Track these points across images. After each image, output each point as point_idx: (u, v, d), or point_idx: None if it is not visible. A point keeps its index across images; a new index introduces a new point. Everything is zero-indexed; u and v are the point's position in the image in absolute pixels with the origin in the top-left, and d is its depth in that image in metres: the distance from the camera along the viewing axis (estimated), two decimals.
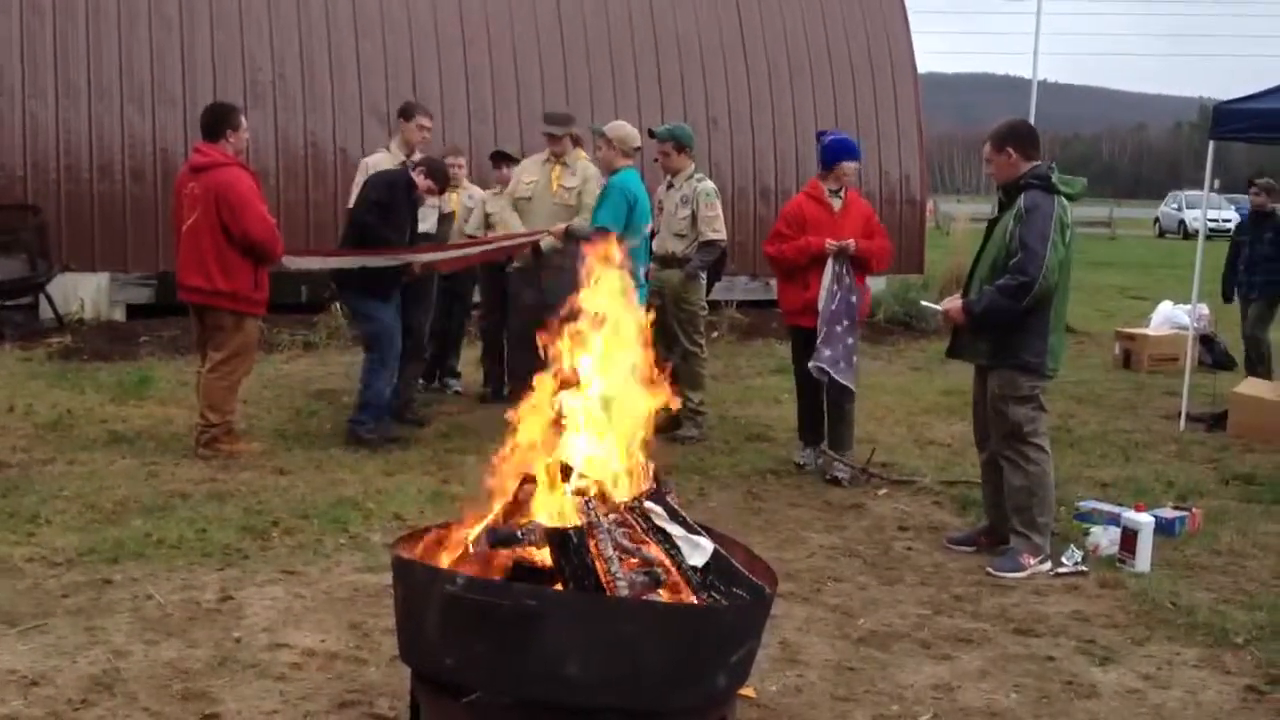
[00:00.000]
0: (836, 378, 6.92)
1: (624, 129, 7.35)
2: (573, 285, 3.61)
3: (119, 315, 12.13)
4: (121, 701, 3.80)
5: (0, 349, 10.46)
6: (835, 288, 6.93)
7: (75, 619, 4.45)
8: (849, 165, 7.10)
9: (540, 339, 3.61)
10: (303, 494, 6.26)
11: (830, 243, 6.91)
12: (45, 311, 11.55)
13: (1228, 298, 10.79)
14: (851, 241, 6.93)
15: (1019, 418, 5.47)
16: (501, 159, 9.20)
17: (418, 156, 7.84)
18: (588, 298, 3.56)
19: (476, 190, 9.40)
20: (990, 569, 5.44)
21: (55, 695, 3.82)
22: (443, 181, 7.64)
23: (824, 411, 7.27)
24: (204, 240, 6.77)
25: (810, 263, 6.97)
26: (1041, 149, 5.62)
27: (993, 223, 5.68)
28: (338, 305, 11.19)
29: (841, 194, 7.10)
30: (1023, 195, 5.40)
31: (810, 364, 6.94)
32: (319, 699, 3.88)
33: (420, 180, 7.43)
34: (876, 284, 14.67)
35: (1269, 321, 10.46)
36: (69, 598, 4.67)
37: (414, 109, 8.18)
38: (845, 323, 6.92)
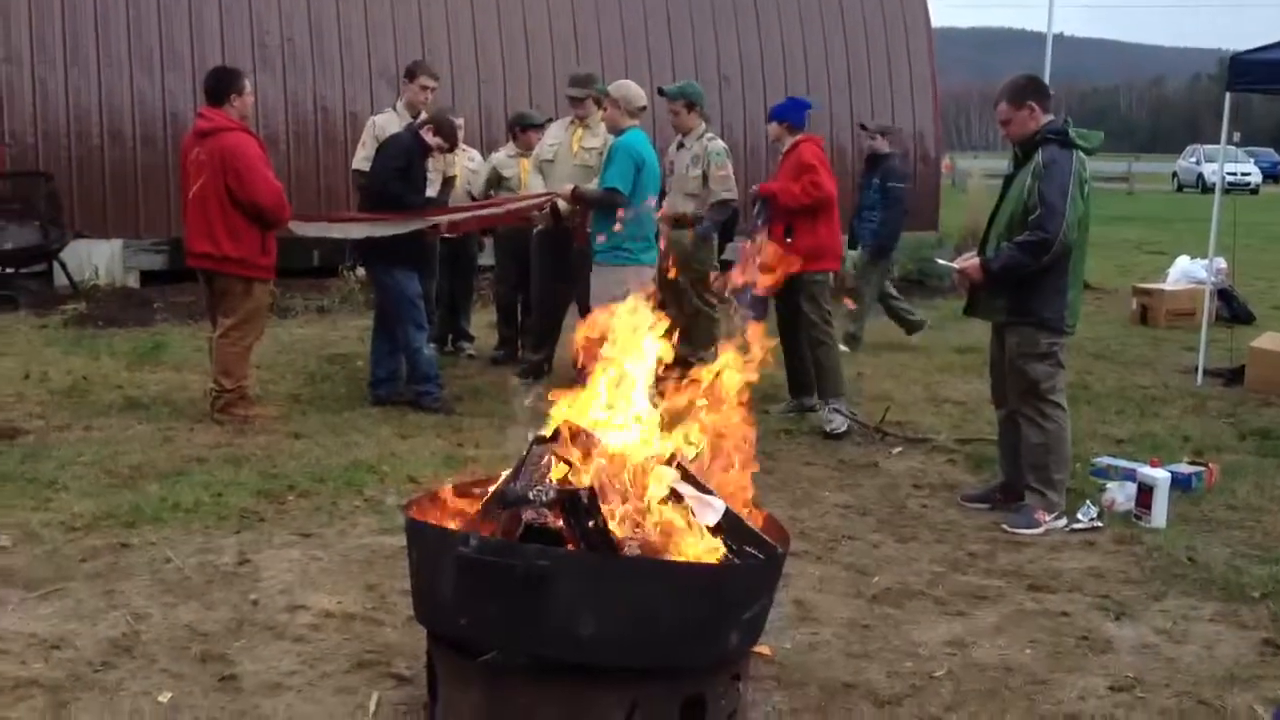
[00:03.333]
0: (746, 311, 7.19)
1: (628, 88, 7.29)
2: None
3: (133, 281, 12.15)
4: (141, 664, 3.83)
5: (15, 316, 10.51)
6: (750, 229, 7.53)
7: (94, 583, 4.49)
8: (767, 126, 7.74)
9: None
10: (318, 457, 6.28)
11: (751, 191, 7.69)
12: (59, 279, 11.58)
13: (850, 244, 10.02)
14: (752, 188, 7.62)
15: (1038, 375, 5.44)
16: (529, 127, 8.97)
17: (423, 116, 7.78)
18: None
19: (476, 153, 9.35)
20: (1005, 526, 5.43)
21: (76, 658, 3.86)
22: (452, 138, 7.56)
23: (796, 366, 7.51)
24: (210, 206, 6.74)
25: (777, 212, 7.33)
26: (1057, 104, 5.56)
27: (1009, 179, 5.62)
28: (351, 273, 11.21)
29: (782, 146, 7.50)
30: (1040, 150, 5.33)
31: None
32: (336, 660, 3.91)
33: (429, 138, 7.37)
34: None
35: (873, 274, 9.93)
36: (88, 562, 4.71)
37: (419, 69, 8.11)
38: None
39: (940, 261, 7.42)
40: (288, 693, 3.68)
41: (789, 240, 7.14)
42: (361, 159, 8.03)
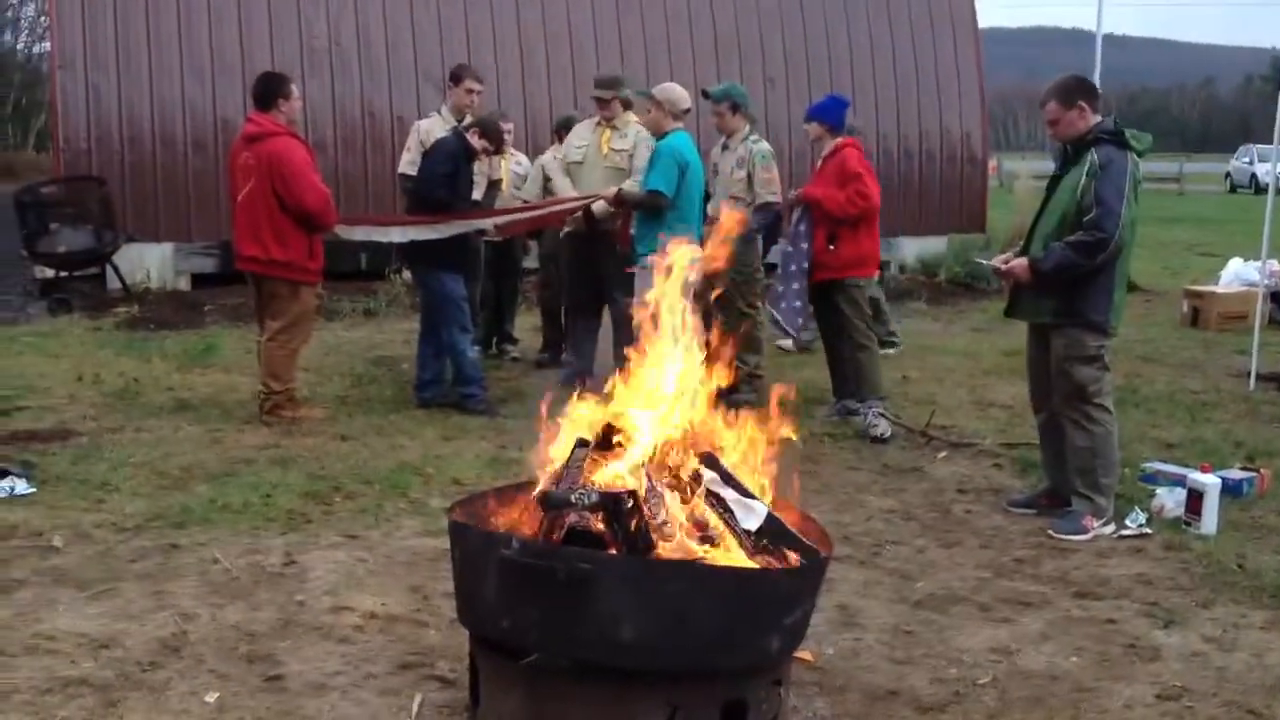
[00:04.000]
0: (775, 314, 7.37)
1: (673, 91, 7.30)
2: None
3: (184, 285, 12.30)
4: (189, 663, 3.89)
5: (69, 319, 10.68)
6: (790, 235, 7.42)
7: (144, 583, 4.55)
8: (805, 126, 7.64)
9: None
10: (364, 459, 6.34)
11: (789, 194, 7.56)
12: (112, 282, 11.75)
13: None
14: (793, 192, 7.49)
15: (1084, 378, 5.38)
16: (569, 125, 9.01)
17: (469, 119, 7.83)
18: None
19: (524, 157, 9.38)
20: (1052, 531, 5.38)
21: (125, 657, 3.91)
22: (498, 140, 7.59)
23: (837, 369, 7.58)
24: (258, 210, 6.83)
25: (819, 218, 7.32)
26: (1107, 104, 5.51)
27: (1056, 178, 5.55)
28: (397, 276, 11.30)
29: (823, 151, 7.48)
30: (1094, 150, 5.27)
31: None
32: (380, 661, 3.94)
33: (476, 141, 7.41)
34: (938, 244, 14.55)
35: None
36: (137, 562, 4.78)
37: (464, 72, 8.18)
38: (791, 267, 7.32)
39: (980, 260, 7.40)
40: (332, 693, 3.71)
41: (831, 248, 7.25)
42: (407, 163, 8.10)
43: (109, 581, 4.56)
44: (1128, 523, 5.42)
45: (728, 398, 7.97)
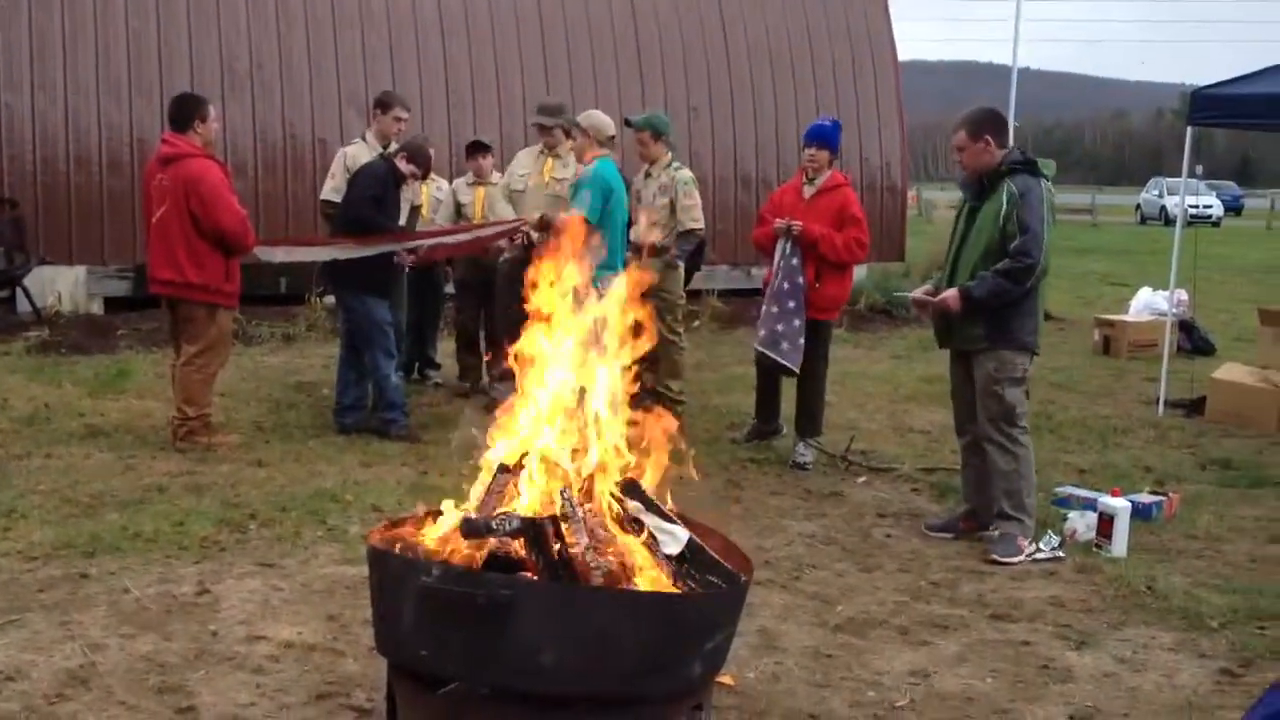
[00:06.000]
0: (774, 357, 6.98)
1: (597, 118, 7.33)
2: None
3: (96, 308, 12.05)
4: (98, 695, 3.79)
5: None
6: (781, 268, 6.99)
7: (51, 613, 4.43)
8: (807, 151, 7.14)
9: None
10: (281, 486, 6.24)
11: (778, 222, 6.99)
12: (22, 305, 11.48)
13: None
14: (795, 223, 6.92)
15: (1014, 399, 5.50)
16: (477, 149, 9.14)
17: (394, 146, 7.79)
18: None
19: (444, 182, 9.37)
20: (995, 556, 5.43)
21: (31, 690, 3.81)
22: (425, 166, 7.59)
23: (775, 394, 7.46)
24: (174, 232, 6.73)
25: (809, 254, 6.99)
26: (1023, 136, 5.67)
27: (972, 210, 5.65)
28: (319, 301, 11.17)
29: (817, 181, 7.12)
30: (1010, 180, 5.42)
31: (754, 344, 7.12)
32: (296, 691, 3.88)
33: (404, 165, 7.40)
34: (857, 272, 14.73)
35: None
36: (45, 592, 4.65)
37: (392, 100, 8.12)
38: (790, 304, 6.94)
39: (904, 293, 7.44)
40: None
41: (817, 285, 7.02)
42: (330, 189, 7.99)
43: (15, 612, 4.43)
44: (1041, 546, 5.52)
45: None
